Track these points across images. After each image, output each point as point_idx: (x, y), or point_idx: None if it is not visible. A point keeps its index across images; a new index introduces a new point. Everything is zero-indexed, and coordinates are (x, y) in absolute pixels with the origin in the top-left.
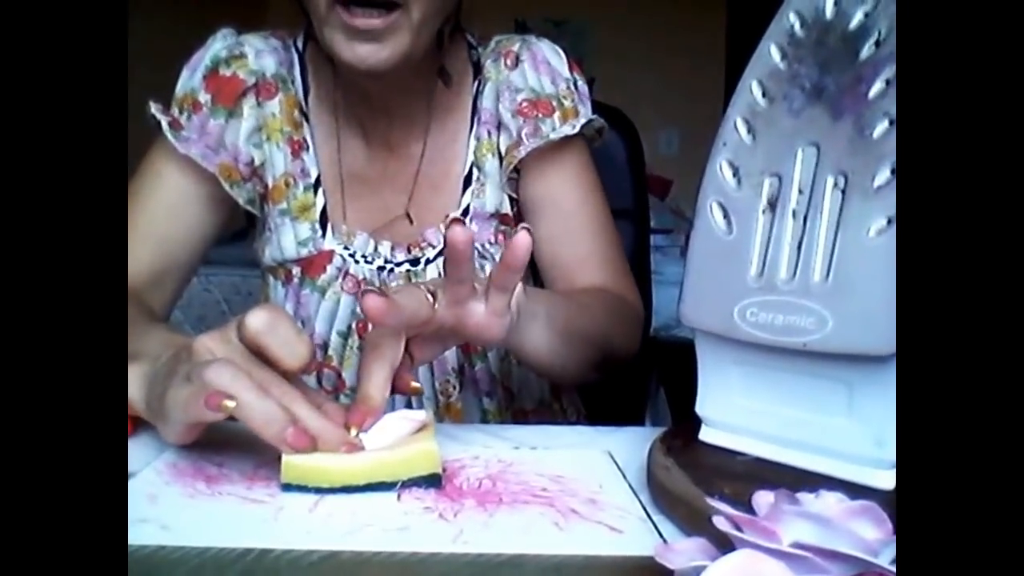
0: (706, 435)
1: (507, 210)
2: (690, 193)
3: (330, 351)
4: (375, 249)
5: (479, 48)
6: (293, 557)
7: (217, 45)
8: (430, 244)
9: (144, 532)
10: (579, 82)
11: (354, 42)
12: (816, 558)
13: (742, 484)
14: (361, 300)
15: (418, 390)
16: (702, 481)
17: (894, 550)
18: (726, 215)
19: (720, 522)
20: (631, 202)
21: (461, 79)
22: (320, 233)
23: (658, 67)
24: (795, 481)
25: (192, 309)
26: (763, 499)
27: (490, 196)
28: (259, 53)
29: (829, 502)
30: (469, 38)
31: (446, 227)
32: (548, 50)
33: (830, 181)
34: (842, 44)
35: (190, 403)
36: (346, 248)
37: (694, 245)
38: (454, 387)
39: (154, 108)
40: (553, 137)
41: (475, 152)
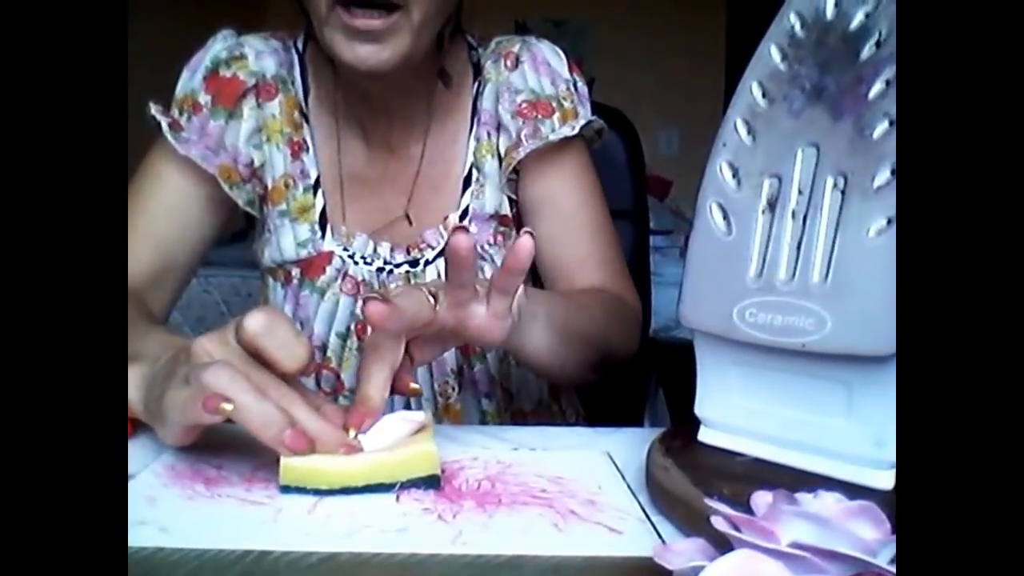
0: (705, 436)
1: (506, 211)
2: (690, 194)
3: (329, 352)
4: (374, 250)
5: (479, 49)
6: (292, 559)
7: (217, 46)
8: (429, 245)
9: (143, 534)
10: (579, 83)
11: (354, 43)
12: (814, 558)
13: (741, 485)
14: (363, 306)
15: (417, 391)
16: (701, 482)
17: (892, 550)
18: (726, 216)
19: (719, 522)
20: (631, 203)
21: (461, 80)
22: (319, 234)
23: (658, 67)
24: (794, 481)
25: (191, 310)
26: (761, 499)
27: (489, 197)
28: (259, 54)
29: (827, 502)
30: (469, 39)
31: (449, 233)
32: (548, 51)
33: (830, 182)
34: (842, 45)
35: (188, 405)
36: (345, 249)
37: (693, 246)
38: (453, 388)
39: (154, 109)
40: (552, 138)
41: (475, 153)
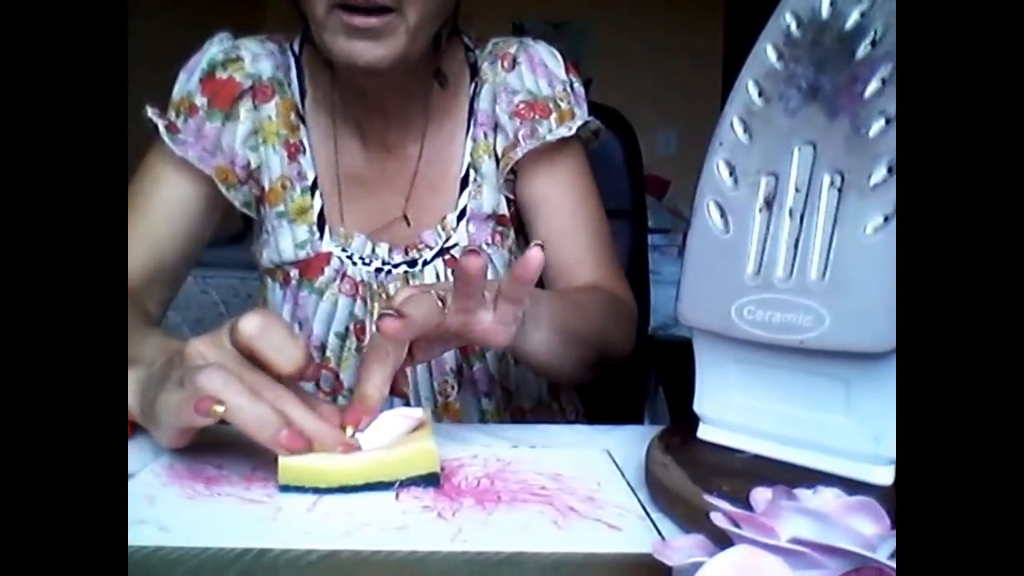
0: (704, 433)
1: (504, 211)
2: (688, 193)
3: (328, 352)
4: (372, 251)
5: (476, 50)
6: (291, 557)
7: (213, 49)
8: (427, 246)
9: (143, 533)
10: (575, 84)
11: (352, 40)
12: (814, 553)
13: (740, 481)
14: (377, 321)
15: (406, 394)
16: (700, 478)
17: (891, 545)
18: (723, 214)
19: (718, 519)
20: (629, 202)
21: (458, 81)
22: (318, 235)
23: (656, 68)
24: (793, 478)
25: (190, 311)
26: (761, 496)
27: (487, 197)
28: (256, 57)
29: (827, 498)
30: (466, 40)
31: (462, 254)
32: (545, 52)
33: (826, 180)
34: (838, 44)
35: (181, 408)
36: (344, 250)
37: (691, 244)
38: (452, 387)
39: (151, 112)
40: (550, 139)
41: (472, 153)
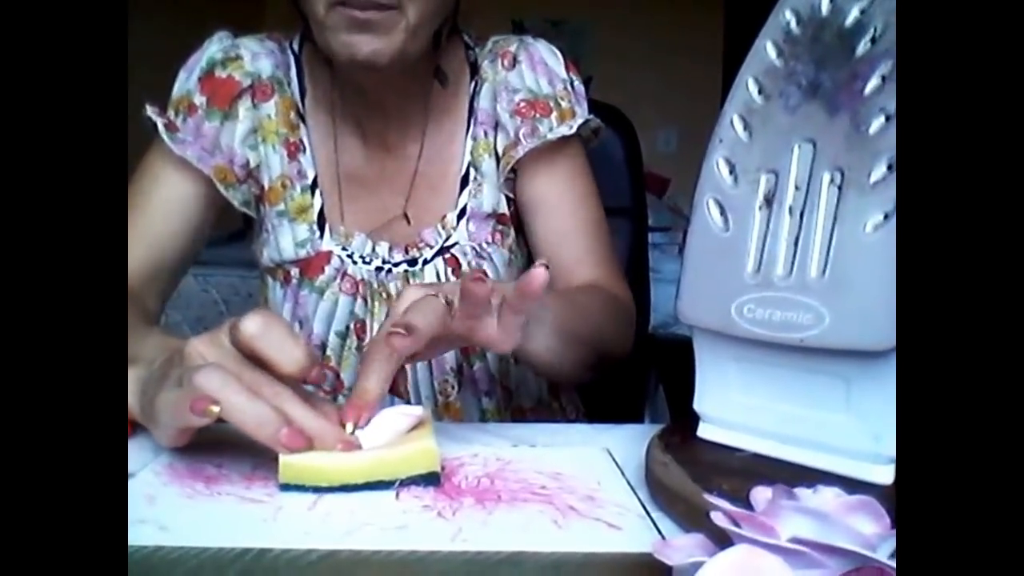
0: (704, 431)
1: (504, 210)
2: (688, 191)
3: (328, 351)
4: (373, 250)
5: (476, 48)
6: (292, 556)
7: (213, 48)
8: (428, 245)
9: (143, 533)
10: (575, 82)
11: (352, 33)
12: (814, 553)
13: (740, 480)
14: (387, 339)
15: (405, 394)
16: (700, 477)
17: (892, 544)
18: (723, 212)
19: (718, 518)
20: (629, 200)
21: (458, 79)
22: (318, 234)
23: (656, 66)
24: (793, 477)
25: (191, 310)
26: (761, 495)
27: (487, 196)
28: (255, 55)
29: (827, 497)
30: (466, 38)
31: (469, 278)
32: (545, 50)
33: (826, 177)
34: (838, 41)
35: (178, 407)
36: (344, 249)
37: (691, 242)
38: (453, 387)
39: (150, 110)
40: (551, 137)
41: (472, 152)
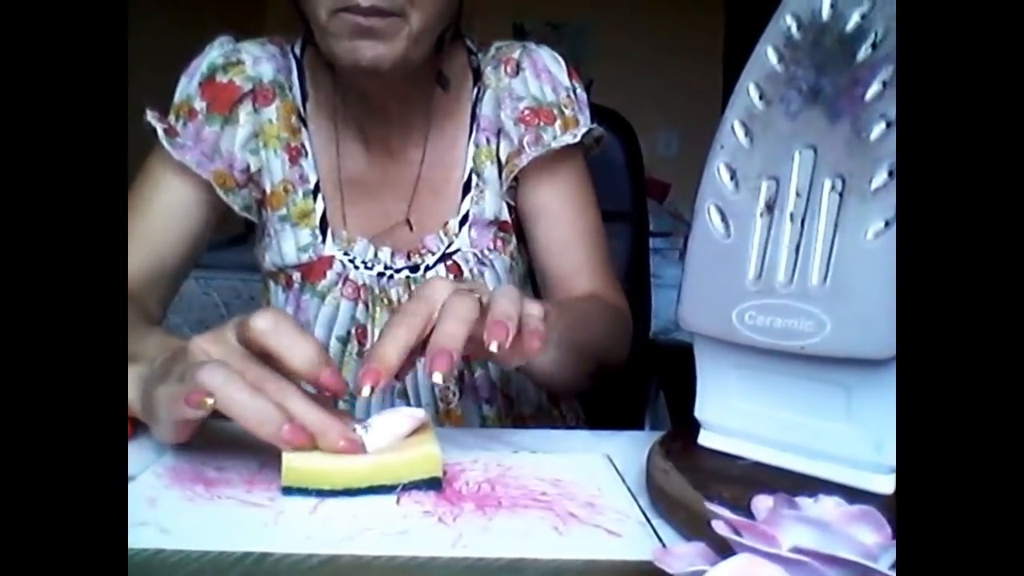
0: (705, 439)
1: (506, 217)
2: (689, 196)
3: (329, 356)
4: (375, 255)
5: (479, 54)
6: (292, 561)
7: (214, 52)
8: (430, 251)
9: (143, 535)
10: (578, 90)
11: (355, 39)
12: (815, 562)
13: (741, 488)
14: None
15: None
16: (701, 485)
17: (893, 554)
18: (724, 218)
19: (719, 526)
20: (629, 205)
21: (460, 84)
22: (320, 239)
23: (657, 69)
24: (794, 485)
25: (192, 313)
26: (762, 503)
27: (489, 203)
28: (256, 60)
29: (828, 506)
30: (468, 43)
31: (491, 327)
32: (548, 58)
33: (827, 184)
34: (839, 46)
35: (174, 400)
36: (346, 254)
37: (692, 248)
38: (454, 394)
39: (150, 115)
40: (555, 146)
41: (474, 159)
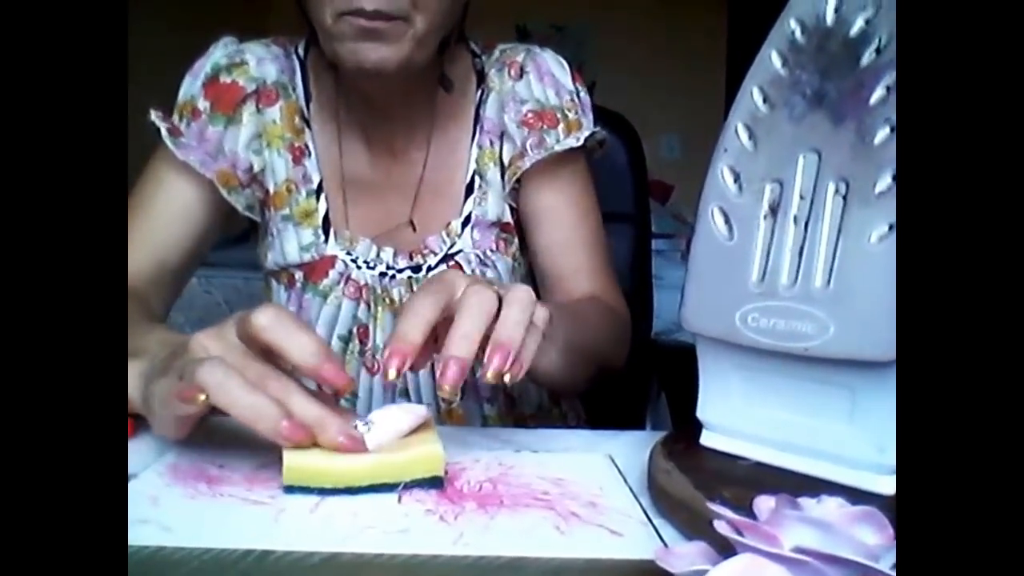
0: (707, 439)
1: (508, 219)
2: (691, 198)
3: (331, 350)
4: (377, 255)
5: (483, 56)
6: (294, 559)
7: (218, 53)
8: (432, 251)
9: (145, 533)
10: (581, 93)
11: (359, 41)
12: (817, 563)
13: (743, 488)
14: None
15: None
16: (703, 485)
17: (895, 555)
18: (727, 220)
19: (721, 526)
20: (632, 207)
21: (464, 86)
22: (323, 238)
23: (660, 71)
24: (796, 486)
25: (193, 311)
26: (764, 504)
27: (492, 205)
28: (260, 60)
29: (830, 507)
30: (472, 46)
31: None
32: (552, 61)
33: (831, 187)
34: (843, 50)
35: (169, 395)
36: (348, 254)
37: (695, 250)
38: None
39: (154, 115)
40: (558, 149)
41: (477, 161)
